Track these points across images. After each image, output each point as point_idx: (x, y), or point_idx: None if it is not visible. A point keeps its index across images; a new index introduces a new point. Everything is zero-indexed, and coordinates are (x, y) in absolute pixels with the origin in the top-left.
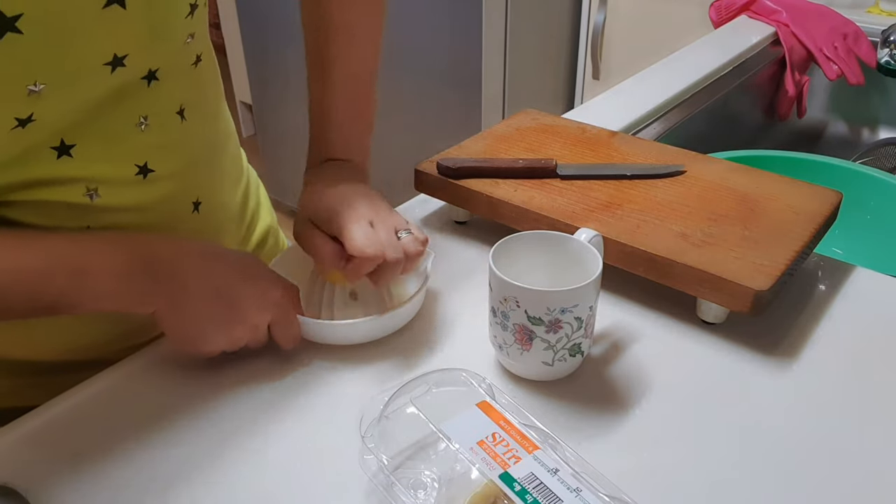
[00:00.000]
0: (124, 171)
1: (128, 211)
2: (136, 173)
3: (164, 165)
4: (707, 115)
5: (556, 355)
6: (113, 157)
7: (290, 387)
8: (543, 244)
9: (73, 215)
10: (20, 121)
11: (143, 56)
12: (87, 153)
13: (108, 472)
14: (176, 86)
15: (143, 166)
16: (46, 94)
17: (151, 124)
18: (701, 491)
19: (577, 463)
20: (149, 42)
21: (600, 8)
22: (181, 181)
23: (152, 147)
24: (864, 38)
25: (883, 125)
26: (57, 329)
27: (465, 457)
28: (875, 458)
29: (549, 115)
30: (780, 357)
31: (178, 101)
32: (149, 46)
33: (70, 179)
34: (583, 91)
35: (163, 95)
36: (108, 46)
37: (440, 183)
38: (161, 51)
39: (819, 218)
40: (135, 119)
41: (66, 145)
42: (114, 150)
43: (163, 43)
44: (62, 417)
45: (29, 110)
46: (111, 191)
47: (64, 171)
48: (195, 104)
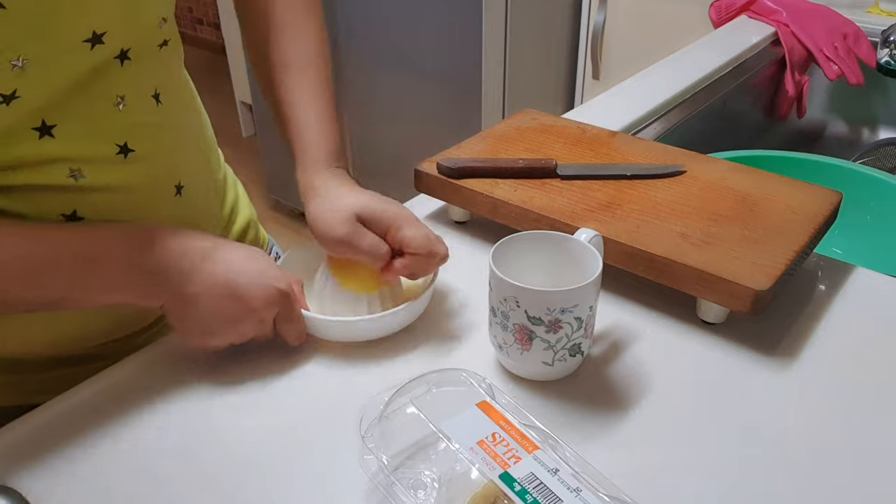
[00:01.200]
0: (105, 150)
1: (112, 192)
2: (116, 153)
3: (143, 146)
4: (707, 115)
5: (557, 355)
6: (94, 135)
7: (290, 386)
8: (543, 244)
9: (59, 199)
10: (4, 97)
11: (119, 34)
12: (68, 132)
13: (108, 472)
14: (146, 67)
15: (123, 146)
16: (29, 71)
17: (129, 104)
18: (701, 490)
19: (578, 463)
20: (125, 21)
21: (600, 8)
22: (162, 163)
23: (131, 126)
24: (864, 38)
25: (883, 125)
26: (44, 321)
27: (465, 457)
28: (875, 458)
29: (549, 115)
30: (780, 357)
31: (152, 85)
32: (125, 25)
33: (52, 160)
34: (583, 91)
35: (136, 76)
36: (88, 23)
37: (440, 183)
38: (136, 31)
39: (819, 218)
40: (112, 98)
41: (46, 125)
42: (94, 129)
43: (138, 23)
44: (62, 418)
45: (13, 86)
46: (94, 170)
47: (46, 152)
48: (168, 89)
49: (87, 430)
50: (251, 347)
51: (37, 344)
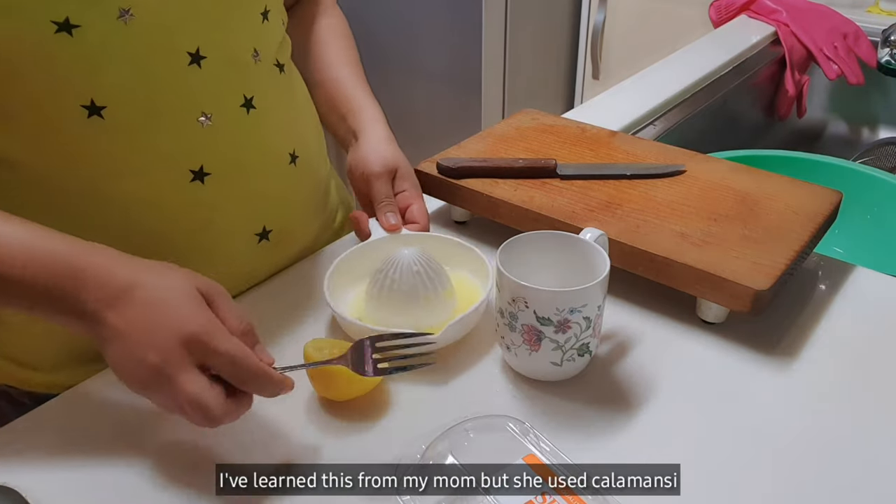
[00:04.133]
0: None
1: (238, 147)
2: (241, 104)
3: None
4: (707, 115)
5: (565, 355)
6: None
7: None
8: (549, 244)
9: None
10: None
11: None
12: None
13: (108, 471)
14: (276, 23)
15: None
16: None
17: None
18: (701, 490)
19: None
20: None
21: (600, 8)
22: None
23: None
24: (864, 37)
25: (883, 125)
26: None
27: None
28: (875, 458)
29: (549, 115)
30: (780, 357)
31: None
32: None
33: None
34: (583, 91)
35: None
36: None
37: (440, 183)
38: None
39: (819, 218)
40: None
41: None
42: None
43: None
44: (62, 417)
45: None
46: (222, 117)
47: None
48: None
49: (87, 430)
50: None
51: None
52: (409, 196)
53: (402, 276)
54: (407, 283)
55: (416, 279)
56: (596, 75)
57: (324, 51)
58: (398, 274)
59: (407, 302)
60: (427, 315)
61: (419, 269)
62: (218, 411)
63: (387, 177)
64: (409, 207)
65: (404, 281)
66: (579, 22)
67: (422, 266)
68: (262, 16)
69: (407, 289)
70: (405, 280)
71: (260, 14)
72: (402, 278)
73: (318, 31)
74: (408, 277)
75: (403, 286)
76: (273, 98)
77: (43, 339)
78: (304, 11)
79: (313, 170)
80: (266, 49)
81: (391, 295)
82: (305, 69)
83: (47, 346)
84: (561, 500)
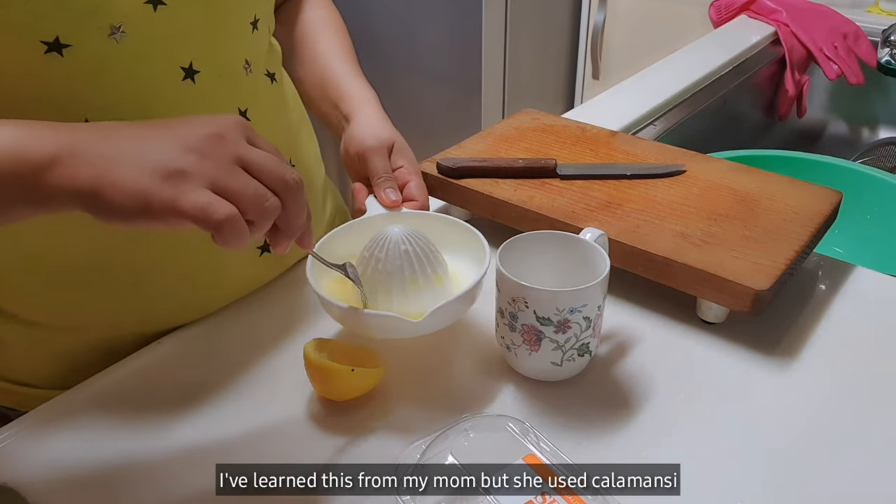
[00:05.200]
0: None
1: None
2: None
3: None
4: (707, 114)
5: (565, 355)
6: None
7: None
8: (549, 244)
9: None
10: None
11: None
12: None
13: (108, 471)
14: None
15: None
16: None
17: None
18: (701, 490)
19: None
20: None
21: (600, 8)
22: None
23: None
24: (864, 37)
25: (883, 125)
26: (132, 297)
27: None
28: (875, 458)
29: (549, 115)
30: (780, 357)
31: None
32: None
33: None
34: (583, 91)
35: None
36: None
37: (440, 183)
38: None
39: (819, 218)
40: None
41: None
42: None
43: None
44: (62, 417)
45: None
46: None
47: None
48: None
49: (87, 430)
50: (261, 345)
51: (127, 324)
52: (406, 172)
53: (389, 254)
54: (393, 262)
55: (404, 259)
56: (596, 75)
57: (315, 41)
58: (384, 252)
59: (392, 283)
60: (415, 300)
61: (408, 248)
62: (260, 206)
63: (383, 151)
64: (407, 184)
65: (390, 260)
66: (579, 22)
67: (411, 245)
68: (252, 25)
69: (392, 269)
70: (391, 259)
71: (250, 24)
72: (387, 257)
73: (310, 21)
74: (394, 257)
75: (388, 266)
76: (266, 109)
77: (46, 360)
78: (296, 5)
79: (309, 178)
80: (256, 59)
81: (374, 275)
82: (298, 62)
83: (49, 367)
84: (561, 500)
